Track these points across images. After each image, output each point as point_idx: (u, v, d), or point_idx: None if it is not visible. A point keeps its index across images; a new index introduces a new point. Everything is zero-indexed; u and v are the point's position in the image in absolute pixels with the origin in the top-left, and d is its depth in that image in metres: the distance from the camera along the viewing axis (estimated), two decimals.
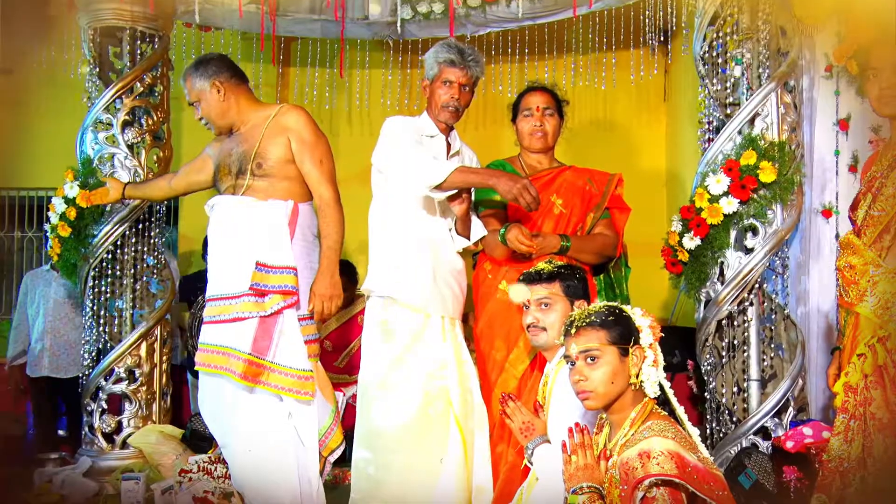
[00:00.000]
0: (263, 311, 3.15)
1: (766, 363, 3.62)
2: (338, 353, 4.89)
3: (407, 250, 3.36)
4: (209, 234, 3.38)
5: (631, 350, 2.38)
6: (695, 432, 2.39)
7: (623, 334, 2.39)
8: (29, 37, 4.10)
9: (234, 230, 3.26)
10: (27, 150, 5.57)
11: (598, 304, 2.52)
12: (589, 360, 2.38)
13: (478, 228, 3.47)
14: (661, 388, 2.42)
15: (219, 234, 3.33)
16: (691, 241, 3.63)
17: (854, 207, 2.96)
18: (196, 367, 3.29)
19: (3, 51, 3.59)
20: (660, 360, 2.42)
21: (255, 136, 3.29)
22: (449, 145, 3.50)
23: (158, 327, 4.29)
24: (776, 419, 3.56)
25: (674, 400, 2.45)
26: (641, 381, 2.38)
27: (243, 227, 3.24)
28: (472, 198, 3.44)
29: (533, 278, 2.98)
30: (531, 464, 2.79)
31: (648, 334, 2.42)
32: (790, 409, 3.58)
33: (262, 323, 3.16)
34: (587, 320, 2.41)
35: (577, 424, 2.42)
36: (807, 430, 3.35)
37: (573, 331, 2.42)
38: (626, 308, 2.47)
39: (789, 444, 3.36)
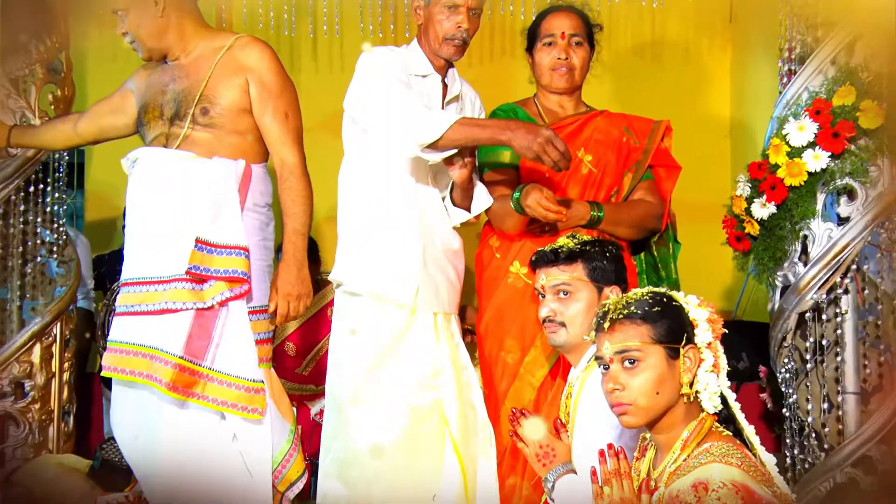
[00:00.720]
0: (202, 303, 3.15)
1: (867, 371, 3.59)
2: (301, 357, 4.95)
3: (388, 227, 3.39)
4: (128, 199, 3.36)
5: (682, 351, 2.37)
6: (770, 460, 2.36)
7: (672, 330, 2.38)
8: None
9: (164, 194, 3.26)
10: None
11: (640, 290, 2.50)
12: (627, 363, 2.38)
13: (481, 197, 3.49)
14: (724, 400, 2.41)
15: (142, 199, 3.32)
16: (763, 209, 3.65)
17: None
18: (104, 373, 3.25)
19: None
20: (721, 364, 2.42)
21: (202, 72, 3.30)
22: (445, 87, 3.53)
23: (58, 324, 4.28)
24: (883, 446, 3.50)
25: (740, 416, 2.44)
26: (697, 392, 2.37)
27: (178, 190, 3.23)
28: (476, 159, 3.45)
29: (549, 259, 3.02)
30: (552, 500, 2.80)
31: (706, 330, 2.41)
32: None
33: (199, 317, 3.16)
34: (625, 311, 2.40)
35: (610, 447, 2.41)
36: None
37: (607, 325, 2.42)
38: (678, 296, 2.46)
39: None
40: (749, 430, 2.41)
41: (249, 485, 3.20)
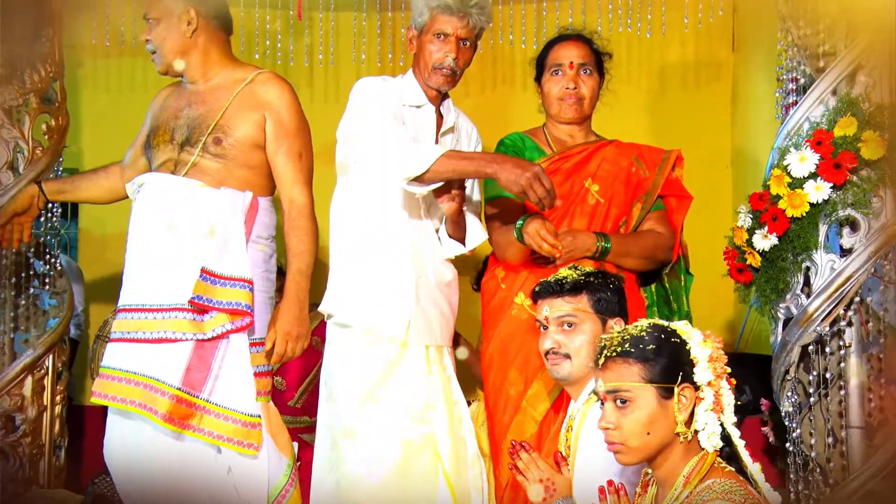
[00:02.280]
0: (202, 334, 3.17)
1: (872, 404, 3.56)
2: (293, 389, 4.91)
3: (380, 259, 3.41)
4: (131, 224, 3.38)
5: (677, 390, 2.36)
6: (775, 499, 2.38)
7: (667, 369, 2.38)
8: None
9: (169, 221, 3.26)
10: None
11: (641, 323, 2.49)
12: (619, 402, 2.39)
13: (475, 231, 3.51)
14: (728, 437, 2.40)
15: (146, 225, 3.32)
16: (765, 240, 3.62)
17: None
18: (93, 399, 3.24)
19: None
20: (725, 402, 2.42)
21: (219, 101, 3.35)
22: (440, 119, 3.55)
23: (51, 356, 4.24)
24: (889, 482, 3.46)
25: (744, 454, 2.43)
26: (696, 431, 2.36)
27: (184, 219, 3.25)
28: (466, 192, 3.46)
29: (552, 290, 3.03)
30: None
31: (706, 369, 2.40)
32: None
33: (199, 348, 3.18)
34: (619, 349, 2.42)
35: (610, 483, 2.42)
36: None
37: (601, 362, 2.43)
38: (682, 330, 2.45)
39: None
40: (753, 468, 2.42)
41: None
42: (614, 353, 2.40)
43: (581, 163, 3.59)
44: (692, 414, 2.37)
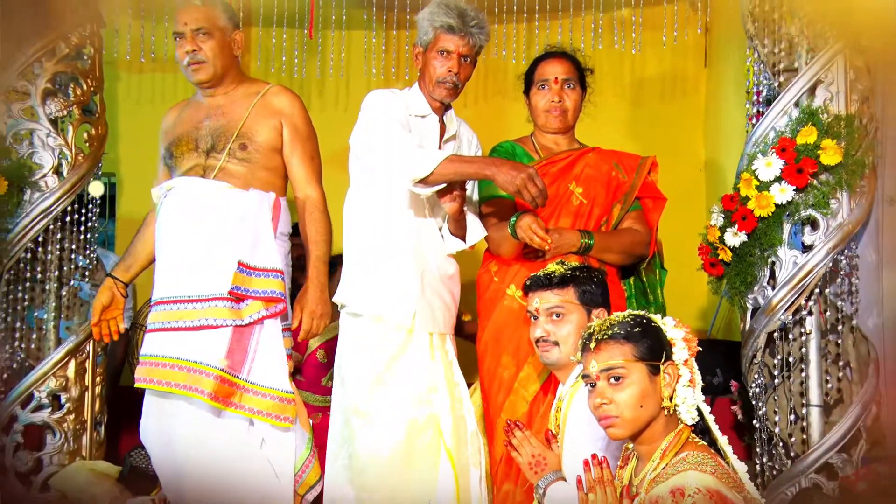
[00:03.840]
0: (240, 320, 3.19)
1: (829, 385, 3.58)
2: (325, 369, 4.87)
3: (388, 255, 3.38)
4: (162, 224, 3.38)
5: (662, 367, 2.39)
6: (741, 468, 2.39)
7: (652, 349, 2.40)
8: None
9: (203, 220, 3.28)
10: None
11: (621, 313, 2.52)
12: (612, 379, 2.39)
13: (475, 229, 3.48)
14: (700, 413, 2.42)
15: (178, 225, 3.32)
16: (735, 238, 3.63)
17: None
18: (137, 384, 3.25)
19: None
20: (697, 379, 2.43)
21: (239, 112, 3.37)
22: (443, 127, 3.52)
23: (91, 342, 4.22)
24: (844, 455, 3.50)
25: (715, 428, 2.47)
26: (676, 405, 2.37)
27: (218, 217, 3.27)
28: (467, 193, 3.44)
29: (542, 283, 3.00)
30: None
31: (683, 349, 2.43)
32: (861, 441, 3.52)
33: (237, 333, 3.19)
34: (609, 332, 2.42)
35: (594, 457, 2.42)
36: (882, 469, 3.30)
37: (592, 345, 2.43)
38: (655, 318, 2.48)
39: (861, 486, 3.31)
40: (722, 441, 2.45)
41: (273, 487, 3.22)
42: (605, 336, 2.41)
43: (566, 167, 3.58)
44: (673, 390, 2.39)
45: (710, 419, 2.45)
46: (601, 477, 2.37)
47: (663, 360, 2.39)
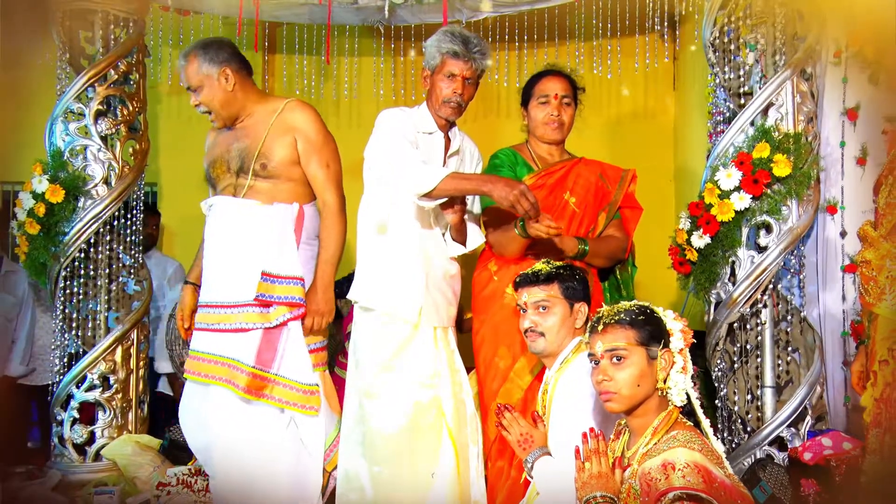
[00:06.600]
0: (268, 323, 3.18)
1: (781, 369, 3.62)
2: None
3: (397, 257, 3.33)
4: (206, 237, 3.39)
5: (660, 353, 2.38)
6: (720, 447, 2.38)
7: (653, 336, 2.39)
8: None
9: (235, 235, 3.27)
10: None
11: (628, 302, 2.51)
12: (615, 359, 2.38)
13: (474, 235, 3.45)
14: (688, 397, 2.42)
15: (217, 238, 3.32)
16: (700, 240, 3.62)
17: (876, 190, 2.90)
18: (186, 375, 3.29)
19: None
20: (689, 367, 2.42)
21: (259, 133, 3.29)
22: (448, 143, 3.47)
23: (135, 331, 4.25)
24: (793, 429, 3.55)
25: (700, 411, 2.45)
26: (668, 388, 2.38)
27: (246, 232, 3.25)
28: (467, 206, 3.41)
29: (530, 280, 2.97)
30: (531, 477, 2.78)
31: (679, 339, 2.41)
32: (808, 417, 3.56)
33: (267, 334, 3.19)
34: (616, 317, 2.41)
35: (591, 430, 2.41)
36: (826, 441, 3.33)
37: (600, 327, 2.42)
38: (658, 309, 2.47)
39: (807, 456, 3.33)
40: (705, 423, 2.43)
41: (305, 457, 3.22)
42: (612, 321, 2.40)
43: (560, 179, 3.53)
44: (667, 374, 2.38)
45: (697, 403, 2.44)
46: (597, 448, 2.37)
47: (661, 346, 2.38)
